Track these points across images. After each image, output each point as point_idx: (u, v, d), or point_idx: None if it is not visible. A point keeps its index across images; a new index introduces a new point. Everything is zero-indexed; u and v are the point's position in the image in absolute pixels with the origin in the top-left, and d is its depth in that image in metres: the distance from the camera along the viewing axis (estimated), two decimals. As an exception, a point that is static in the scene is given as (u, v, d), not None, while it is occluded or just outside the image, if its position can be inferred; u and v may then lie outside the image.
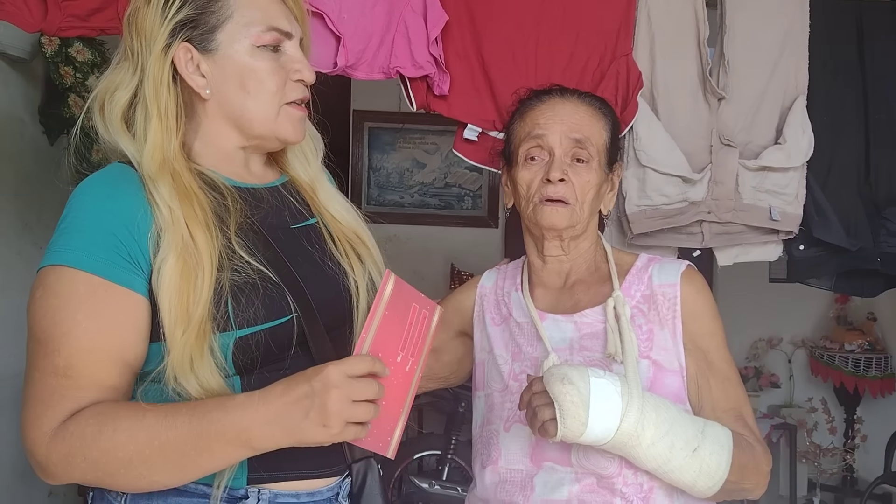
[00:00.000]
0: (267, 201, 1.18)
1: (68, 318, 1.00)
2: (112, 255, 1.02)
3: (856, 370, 4.53)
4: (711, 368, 1.29)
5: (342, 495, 1.19)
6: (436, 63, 1.85)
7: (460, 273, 4.23)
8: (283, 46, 1.14)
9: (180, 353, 1.01)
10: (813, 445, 4.71)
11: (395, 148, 4.49)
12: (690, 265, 1.35)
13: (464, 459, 3.47)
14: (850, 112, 2.21)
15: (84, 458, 0.98)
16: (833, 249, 2.19)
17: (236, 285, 1.06)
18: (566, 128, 1.33)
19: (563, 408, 1.11)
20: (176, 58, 1.10)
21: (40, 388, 1.02)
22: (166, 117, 1.09)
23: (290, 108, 1.16)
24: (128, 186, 1.07)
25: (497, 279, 1.48)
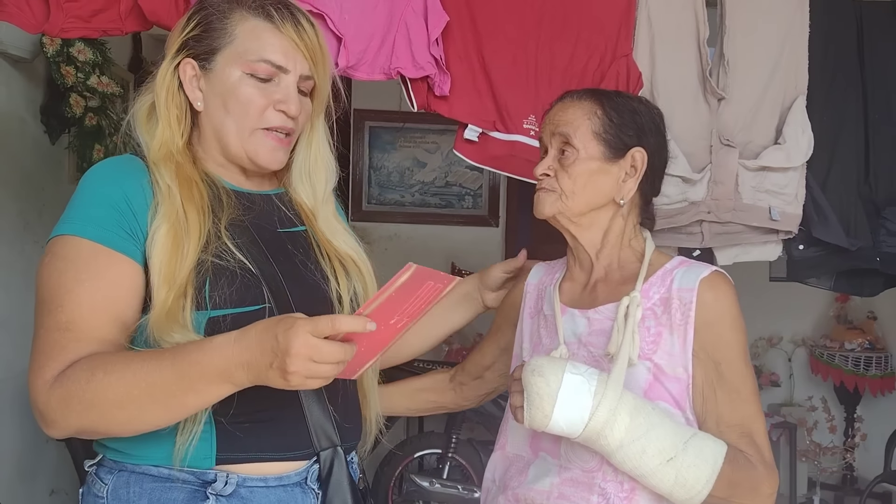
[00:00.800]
0: (258, 205, 1.28)
1: (72, 278, 1.10)
2: (113, 226, 1.13)
3: (856, 369, 4.54)
4: (721, 380, 1.25)
5: (310, 479, 1.22)
6: (436, 64, 1.86)
7: (461, 272, 4.23)
8: (278, 79, 1.22)
9: (162, 308, 1.10)
10: (813, 444, 4.72)
11: (396, 147, 4.50)
12: (717, 271, 1.30)
13: (464, 458, 3.47)
14: (850, 112, 2.21)
15: (79, 401, 1.05)
16: (832, 249, 2.19)
17: (217, 268, 1.15)
18: (552, 125, 1.39)
19: (530, 398, 1.16)
20: (181, 70, 1.22)
21: (44, 342, 1.10)
22: (170, 119, 1.22)
23: (264, 135, 1.23)
24: (133, 170, 1.19)
25: (543, 274, 1.51)
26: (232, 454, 1.16)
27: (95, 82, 2.91)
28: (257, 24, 1.21)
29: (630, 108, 1.39)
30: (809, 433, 4.74)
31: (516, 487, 1.31)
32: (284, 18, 1.22)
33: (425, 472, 3.50)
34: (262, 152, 1.24)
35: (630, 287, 1.32)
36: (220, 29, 1.21)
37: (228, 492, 1.15)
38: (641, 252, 1.39)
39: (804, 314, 4.85)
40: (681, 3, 2.06)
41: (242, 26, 1.21)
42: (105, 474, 1.19)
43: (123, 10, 1.64)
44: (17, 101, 2.81)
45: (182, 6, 1.64)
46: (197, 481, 1.14)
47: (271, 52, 1.21)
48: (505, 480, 1.35)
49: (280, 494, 1.18)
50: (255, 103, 1.21)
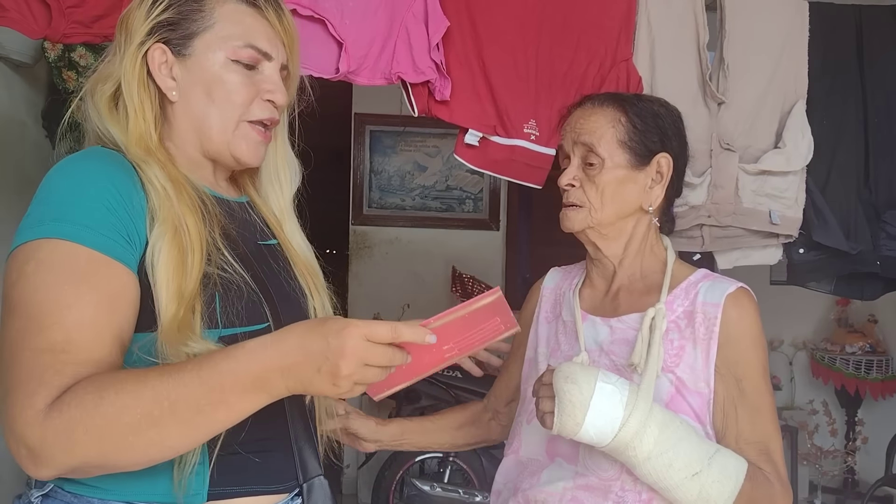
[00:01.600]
0: (238, 214, 1.19)
1: (69, 292, 0.94)
2: (112, 232, 0.98)
3: (857, 372, 4.54)
4: (742, 397, 1.25)
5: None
6: (437, 68, 1.86)
7: (461, 276, 4.23)
8: (261, 66, 1.14)
9: (173, 320, 0.98)
10: (814, 447, 4.71)
11: (397, 151, 4.50)
12: (743, 287, 1.30)
13: (465, 462, 3.47)
14: (850, 116, 2.22)
15: (85, 430, 0.88)
16: (833, 253, 2.19)
17: (224, 282, 1.05)
18: (574, 134, 1.36)
19: (562, 405, 1.14)
20: (150, 56, 1.10)
21: (32, 366, 0.92)
22: (142, 111, 1.09)
23: (250, 128, 1.15)
24: (119, 165, 1.04)
25: (559, 279, 1.51)
26: (224, 489, 1.05)
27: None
28: (238, 7, 1.13)
29: (652, 112, 1.37)
30: (810, 436, 4.73)
31: (527, 489, 1.31)
32: (267, 3, 1.15)
33: (426, 476, 3.50)
34: (244, 147, 1.15)
35: (653, 297, 1.32)
36: (196, 11, 1.11)
37: None
38: (663, 260, 1.39)
39: (805, 317, 4.85)
40: (680, 8, 2.07)
41: (222, 9, 1.12)
42: None
43: (125, 15, 1.64)
44: (19, 105, 2.82)
45: (183, 12, 1.65)
46: None
47: (257, 38, 1.13)
48: (516, 483, 1.35)
49: None
50: (241, 92, 1.12)
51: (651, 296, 1.33)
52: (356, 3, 1.76)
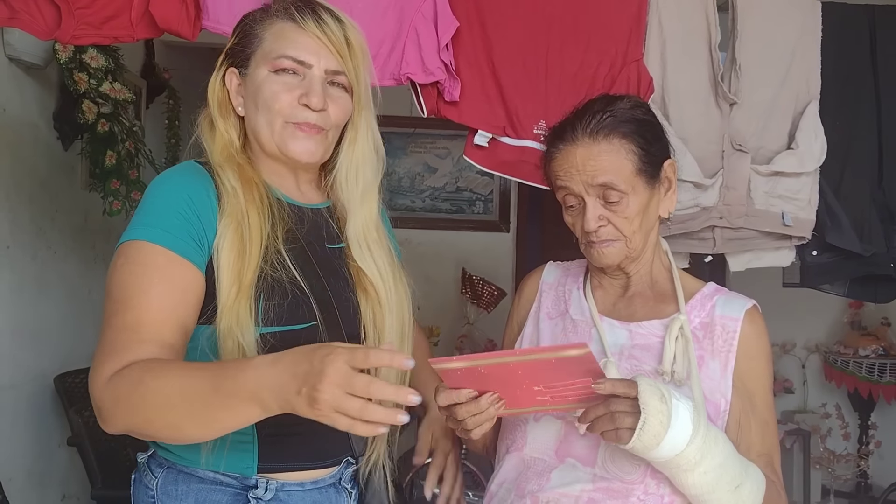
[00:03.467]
0: (309, 219, 1.31)
1: (145, 281, 1.13)
2: (183, 234, 1.16)
3: (870, 375, 4.50)
4: (754, 411, 1.29)
5: (344, 480, 1.30)
6: (446, 69, 1.85)
7: (471, 277, 4.22)
8: (303, 73, 1.26)
9: (236, 312, 1.15)
10: (827, 451, 4.68)
11: (407, 152, 4.50)
12: (756, 305, 1.34)
13: (474, 464, 3.46)
14: (863, 117, 2.19)
15: (127, 403, 1.05)
16: (846, 255, 2.17)
17: (272, 282, 1.19)
18: (586, 177, 1.29)
19: (649, 424, 1.11)
20: (227, 80, 1.30)
21: (109, 340, 1.11)
22: (223, 126, 1.29)
23: (295, 127, 1.26)
24: (198, 177, 1.23)
25: (559, 275, 1.49)
26: (273, 464, 1.23)
27: (108, 89, 2.92)
28: (282, 25, 1.27)
29: (646, 122, 1.34)
30: (823, 440, 4.70)
31: (536, 491, 1.28)
32: (305, 16, 1.26)
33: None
34: (291, 143, 1.26)
35: (668, 306, 1.34)
36: (251, 35, 1.28)
37: (268, 497, 1.23)
38: (668, 267, 1.40)
39: (818, 320, 4.82)
40: (692, 8, 2.05)
41: (270, 29, 1.27)
42: (155, 467, 1.26)
43: (135, 16, 1.64)
44: (31, 107, 2.83)
45: (192, 13, 1.65)
46: (239, 485, 1.22)
47: (292, 49, 1.25)
48: (520, 483, 1.31)
49: (315, 496, 1.27)
50: (279, 98, 1.24)
51: (665, 304, 1.35)
52: (365, 4, 1.75)
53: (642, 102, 1.40)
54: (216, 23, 1.65)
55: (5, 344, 2.62)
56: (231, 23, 1.64)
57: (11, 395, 2.68)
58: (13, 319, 2.64)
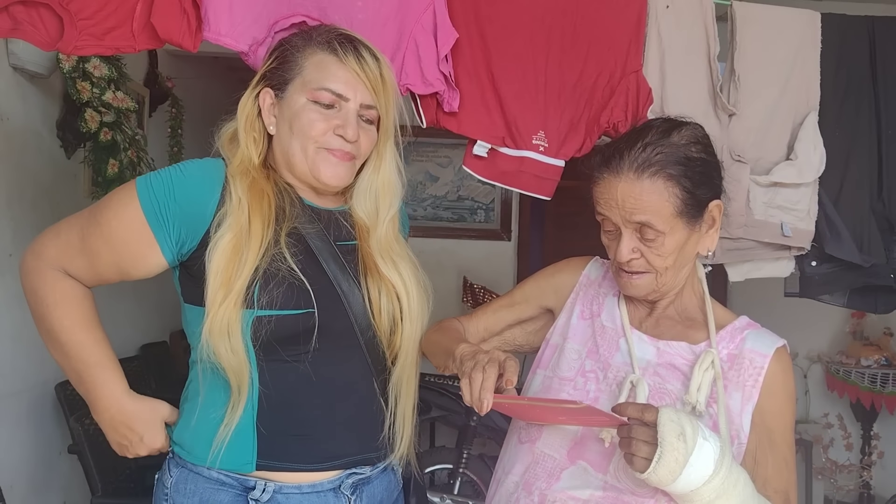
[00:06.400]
0: (323, 218, 1.39)
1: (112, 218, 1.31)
2: (160, 206, 1.28)
3: (872, 385, 4.48)
4: (773, 447, 1.29)
5: (344, 487, 1.34)
6: (446, 80, 1.86)
7: (472, 286, 4.23)
8: (339, 105, 1.34)
9: (220, 317, 1.24)
10: (829, 461, 4.66)
11: (408, 161, 4.48)
12: (786, 345, 1.34)
13: (475, 473, 3.46)
14: (863, 127, 2.19)
15: (36, 301, 1.35)
16: (846, 265, 2.17)
17: (268, 272, 1.27)
18: (625, 213, 1.27)
19: (665, 459, 1.11)
20: (261, 98, 1.37)
21: (69, 232, 1.34)
22: (248, 142, 1.37)
23: (328, 153, 1.34)
24: (214, 176, 1.34)
25: (600, 275, 1.48)
26: (271, 462, 1.30)
27: (110, 97, 2.94)
28: (323, 57, 1.34)
29: (698, 161, 1.29)
30: (825, 450, 4.68)
31: (545, 489, 1.28)
32: (347, 52, 1.34)
33: (436, 488, 3.48)
34: (323, 168, 1.34)
35: (697, 332, 1.34)
36: (292, 62, 1.36)
37: (266, 499, 1.29)
38: (700, 294, 1.40)
39: (820, 330, 4.81)
40: (691, 19, 2.06)
41: (311, 59, 1.35)
42: (173, 467, 1.37)
43: (136, 28, 1.65)
44: (34, 116, 2.84)
45: (194, 25, 1.66)
46: (239, 486, 1.30)
47: (333, 82, 1.33)
48: (528, 478, 1.31)
49: (313, 500, 1.32)
50: (316, 126, 1.33)
51: (694, 329, 1.35)
52: (365, 16, 1.76)
53: (701, 137, 1.34)
54: (217, 34, 1.65)
55: (6, 352, 2.63)
56: (232, 34, 1.65)
57: (13, 403, 2.68)
58: (14, 327, 2.65)
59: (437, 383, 3.44)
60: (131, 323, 3.65)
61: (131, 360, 3.49)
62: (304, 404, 1.31)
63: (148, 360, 3.66)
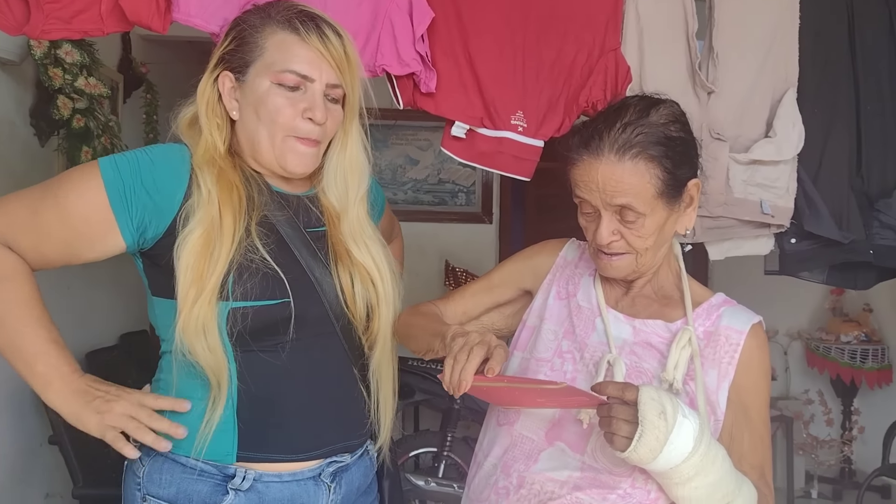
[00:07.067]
0: (292, 205, 1.36)
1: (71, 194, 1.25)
2: (125, 188, 1.24)
3: (852, 361, 4.53)
4: (749, 423, 1.29)
5: (325, 475, 1.33)
6: (422, 60, 1.83)
7: (455, 270, 4.22)
8: (304, 87, 1.30)
9: (194, 316, 1.21)
10: (810, 437, 4.71)
11: (388, 144, 4.48)
12: (761, 321, 1.34)
13: (459, 456, 3.46)
14: (842, 104, 2.20)
15: None
16: (825, 242, 2.18)
17: (242, 264, 1.24)
18: (605, 196, 1.25)
19: (646, 438, 1.11)
20: (220, 82, 1.32)
21: (18, 204, 1.28)
22: (209, 127, 1.32)
23: (296, 141, 1.31)
24: (181, 163, 1.30)
25: (577, 257, 1.47)
26: (251, 453, 1.28)
27: (83, 84, 2.89)
28: (285, 37, 1.29)
29: (678, 140, 1.28)
30: (806, 426, 4.73)
31: (523, 471, 1.28)
32: (310, 31, 1.29)
33: (421, 471, 3.49)
34: (290, 158, 1.31)
35: (673, 310, 1.34)
36: (251, 43, 1.30)
37: (246, 487, 1.27)
38: (676, 272, 1.40)
39: (800, 307, 4.85)
40: (669, -4, 2.05)
41: (272, 39, 1.30)
42: (145, 456, 1.31)
43: (104, 10, 1.61)
44: (7, 103, 2.79)
45: (162, 6, 1.63)
46: (219, 475, 1.27)
47: (297, 63, 1.28)
48: (506, 460, 1.31)
49: (294, 489, 1.30)
50: (283, 112, 1.28)
51: (670, 308, 1.35)
52: (339, -5, 1.74)
53: (679, 115, 1.32)
54: (187, 15, 1.63)
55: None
56: (202, 15, 1.62)
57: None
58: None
59: (420, 367, 3.43)
60: (110, 312, 3.60)
61: (110, 350, 3.45)
62: (283, 395, 1.29)
63: (127, 350, 3.63)
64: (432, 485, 3.35)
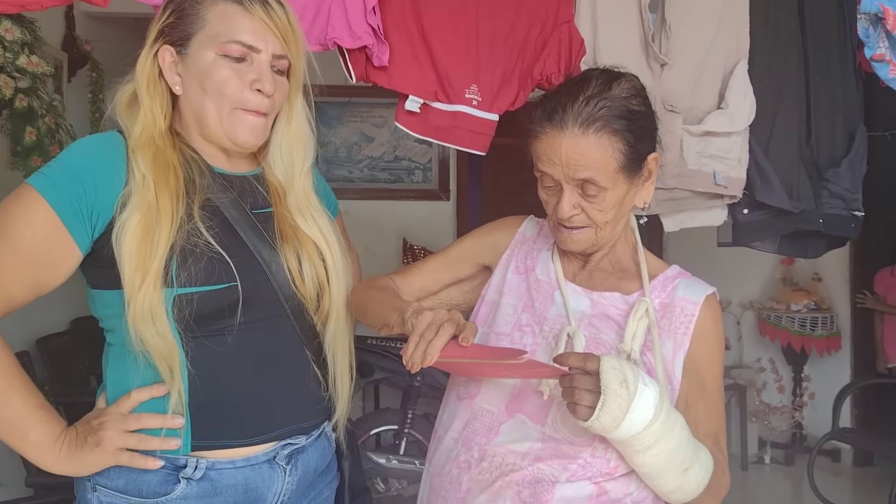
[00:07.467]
0: (236, 186, 1.32)
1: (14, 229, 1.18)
2: (71, 198, 1.18)
3: (802, 329, 4.65)
4: (704, 392, 1.31)
5: (279, 458, 1.31)
6: (374, 33, 1.80)
7: (412, 247, 4.21)
8: (251, 59, 1.27)
9: (141, 302, 1.17)
10: (763, 404, 4.83)
11: (343, 122, 4.43)
12: (715, 292, 1.36)
13: (420, 433, 3.47)
14: (791, 74, 2.22)
15: None
16: (776, 212, 2.21)
17: (185, 249, 1.21)
18: (568, 169, 1.25)
19: (608, 406, 1.11)
20: (160, 57, 1.28)
21: None
22: (149, 105, 1.27)
23: (244, 113, 1.27)
24: (113, 151, 1.25)
25: (536, 233, 1.47)
26: (205, 442, 1.25)
27: (25, 62, 2.78)
28: (227, 7, 1.26)
29: (639, 113, 1.28)
30: (759, 394, 4.85)
31: (484, 444, 1.28)
32: (253, 1, 1.26)
33: (382, 449, 3.49)
34: (240, 131, 1.28)
35: (629, 283, 1.35)
36: (192, 15, 1.26)
37: (198, 476, 1.24)
38: (633, 245, 1.40)
39: (751, 278, 4.94)
40: (622, -32, 2.04)
41: (213, 10, 1.26)
42: None
43: (42, -18, 1.56)
44: (-57, 83, 2.68)
45: (103, -23, 1.57)
46: (170, 465, 1.24)
47: (241, 33, 1.25)
48: (467, 434, 1.31)
49: (248, 473, 1.28)
50: (230, 83, 1.25)
51: (627, 281, 1.36)
52: (288, -33, 1.69)
53: (640, 89, 1.31)
54: (129, -12, 1.58)
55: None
56: (145, -13, 1.57)
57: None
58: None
59: (380, 346, 3.42)
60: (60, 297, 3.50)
61: (62, 336, 3.38)
62: (234, 380, 1.27)
63: (79, 336, 3.56)
64: (394, 462, 3.36)
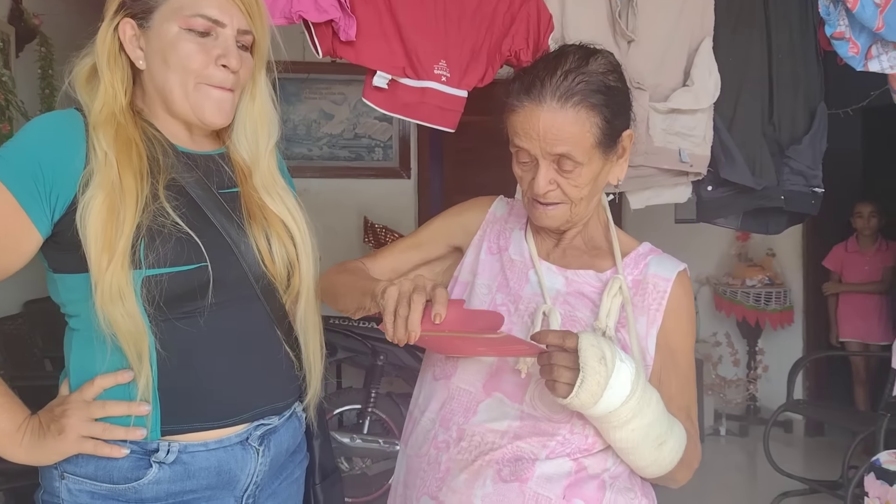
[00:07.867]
0: (201, 165, 1.29)
1: None
2: (29, 180, 1.15)
3: (756, 304, 4.75)
4: (676, 367, 1.32)
5: (252, 439, 1.29)
6: (340, 7, 1.76)
7: (373, 226, 4.17)
8: (215, 33, 1.24)
9: (108, 283, 1.14)
10: (718, 378, 4.93)
11: (302, 99, 4.36)
12: (686, 269, 1.37)
13: (384, 412, 3.47)
14: (755, 52, 2.25)
15: None
16: (739, 189, 2.24)
17: (152, 230, 1.17)
18: (546, 144, 1.24)
19: (587, 383, 1.12)
20: (121, 30, 1.23)
21: None
22: (110, 80, 1.23)
23: (209, 88, 1.25)
24: (72, 130, 1.20)
25: (507, 212, 1.46)
26: (176, 426, 1.22)
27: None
28: None
29: (616, 89, 1.27)
30: (715, 367, 4.95)
31: (462, 424, 1.27)
32: None
33: (346, 429, 3.48)
34: (207, 106, 1.25)
35: (602, 260, 1.36)
36: None
37: (171, 460, 1.22)
38: (604, 223, 1.41)
39: (707, 254, 5.03)
40: (589, -56, 2.03)
41: None
42: None
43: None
44: None
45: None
46: (140, 450, 1.21)
47: (206, 7, 1.22)
48: (444, 414, 1.31)
49: (221, 455, 1.26)
50: (195, 58, 1.22)
51: (600, 258, 1.36)
52: (251, -63, 1.64)
53: (616, 65, 1.31)
54: (86, -43, 1.52)
55: None
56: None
57: None
58: None
59: (342, 325, 3.40)
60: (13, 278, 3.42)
61: (14, 318, 3.29)
62: (205, 362, 1.24)
63: (33, 318, 3.46)
64: (358, 441, 3.35)
